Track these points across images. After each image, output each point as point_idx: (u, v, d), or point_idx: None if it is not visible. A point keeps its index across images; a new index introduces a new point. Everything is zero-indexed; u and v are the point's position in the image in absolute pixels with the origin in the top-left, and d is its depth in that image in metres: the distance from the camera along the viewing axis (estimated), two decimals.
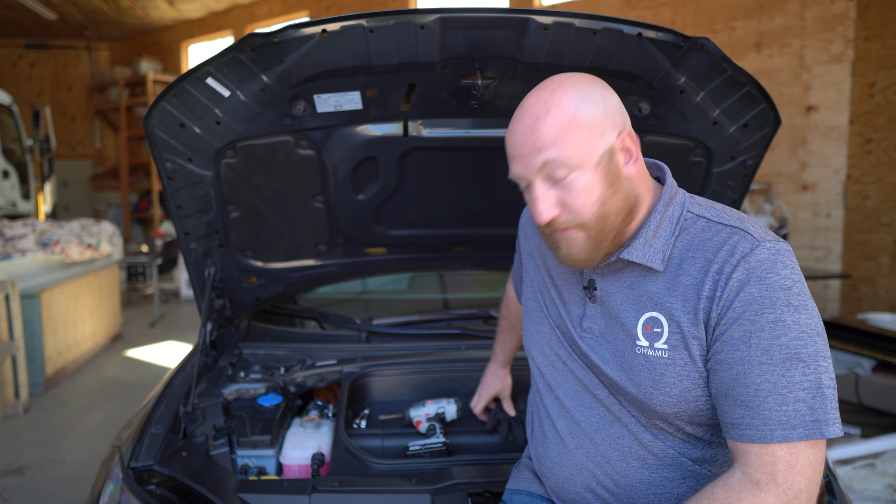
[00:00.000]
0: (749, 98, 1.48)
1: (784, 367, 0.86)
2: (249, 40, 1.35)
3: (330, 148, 1.71)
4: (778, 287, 0.88)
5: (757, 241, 0.91)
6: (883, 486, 2.47)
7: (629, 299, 1.01)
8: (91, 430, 3.65)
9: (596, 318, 1.06)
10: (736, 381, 0.89)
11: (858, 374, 3.31)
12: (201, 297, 1.90)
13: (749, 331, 0.88)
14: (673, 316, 0.95)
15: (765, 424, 0.86)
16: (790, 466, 0.85)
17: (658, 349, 0.96)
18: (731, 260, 0.91)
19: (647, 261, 0.98)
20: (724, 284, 0.90)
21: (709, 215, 0.99)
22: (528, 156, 0.94)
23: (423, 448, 1.56)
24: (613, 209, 0.96)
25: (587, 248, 0.98)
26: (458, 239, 2.09)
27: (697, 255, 0.95)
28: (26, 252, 4.49)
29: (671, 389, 0.95)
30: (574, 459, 1.09)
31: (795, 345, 0.86)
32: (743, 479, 0.87)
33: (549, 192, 0.95)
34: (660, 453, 1.01)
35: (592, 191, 0.94)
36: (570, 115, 0.92)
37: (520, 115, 0.97)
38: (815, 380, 0.86)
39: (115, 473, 1.30)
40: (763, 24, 5.59)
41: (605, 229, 0.97)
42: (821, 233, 5.50)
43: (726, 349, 0.90)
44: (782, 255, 0.90)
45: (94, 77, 10.57)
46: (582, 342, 1.07)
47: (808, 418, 0.85)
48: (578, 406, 1.10)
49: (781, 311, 0.87)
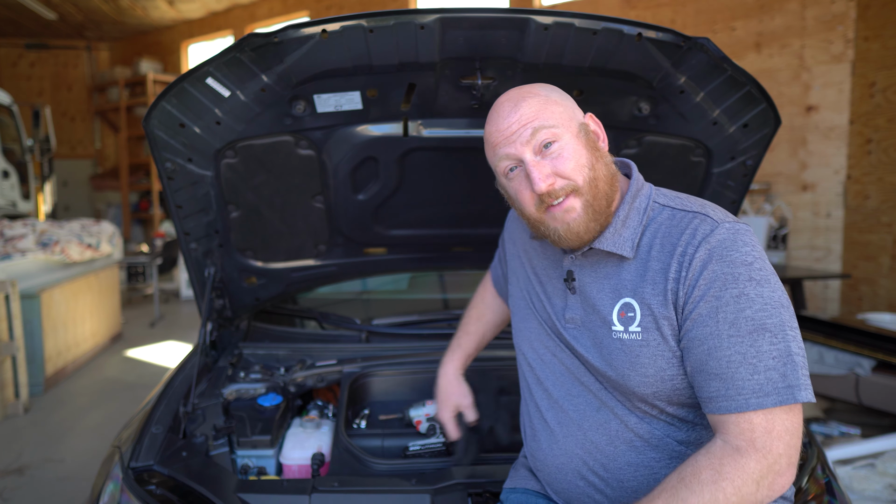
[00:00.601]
0: (749, 98, 1.48)
1: (752, 338, 0.91)
2: (249, 40, 1.35)
3: (330, 148, 1.71)
4: (739, 263, 0.93)
5: (717, 223, 0.97)
6: (883, 486, 2.47)
7: (605, 288, 1.07)
8: (91, 430, 3.65)
9: (577, 308, 1.12)
10: (708, 356, 0.93)
11: (858, 374, 3.31)
12: (201, 297, 1.90)
13: (715, 306, 0.93)
14: (644, 300, 1.00)
15: (739, 394, 0.90)
16: (767, 432, 0.89)
17: (632, 332, 1.01)
18: (694, 242, 0.97)
19: (617, 249, 1.04)
20: (688, 265, 0.96)
21: (673, 204, 1.05)
22: (516, 133, 1.03)
23: (423, 448, 1.56)
24: (601, 175, 1.04)
25: (585, 217, 1.03)
26: (458, 239, 2.08)
27: (665, 241, 1.01)
28: (26, 252, 4.49)
29: (647, 370, 1.00)
30: (564, 448, 1.12)
31: (761, 316, 0.91)
32: (724, 447, 0.91)
33: (541, 163, 1.02)
34: (646, 435, 1.04)
35: (580, 155, 1.03)
36: (543, 97, 1.05)
37: (497, 108, 1.08)
38: (783, 348, 0.90)
39: (115, 473, 1.30)
40: (763, 24, 5.59)
41: (597, 196, 1.03)
42: (821, 233, 5.50)
43: (696, 326, 0.95)
44: (742, 234, 0.96)
45: (94, 77, 10.57)
46: (566, 332, 1.13)
47: (780, 385, 0.89)
48: (566, 395, 1.14)
49: (744, 286, 0.92)
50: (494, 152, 1.08)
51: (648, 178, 1.83)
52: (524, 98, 1.05)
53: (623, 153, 1.74)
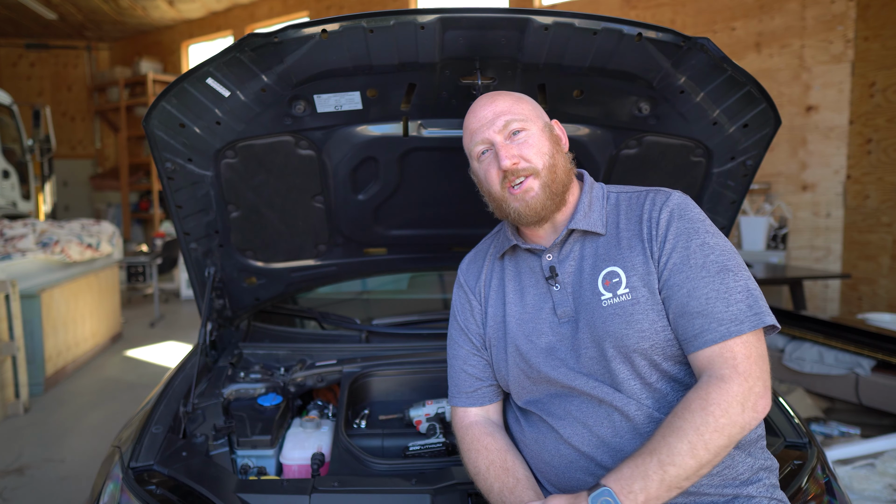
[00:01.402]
0: (749, 98, 1.48)
1: (720, 277, 1.07)
2: (249, 40, 1.35)
3: (330, 148, 1.71)
4: (695, 220, 1.14)
5: (669, 192, 1.19)
6: (883, 486, 2.47)
7: (585, 267, 1.19)
8: (91, 430, 3.65)
9: (565, 301, 1.20)
10: (689, 297, 1.08)
11: (858, 374, 3.31)
12: (201, 297, 1.90)
13: (685, 255, 1.10)
14: (626, 264, 1.15)
15: (720, 325, 1.04)
16: (747, 358, 1.03)
17: (621, 295, 1.13)
18: (655, 207, 1.17)
19: (592, 227, 1.20)
20: (656, 225, 1.15)
21: (626, 190, 1.26)
22: (491, 121, 1.20)
23: (423, 448, 1.56)
24: (559, 164, 1.21)
25: (542, 196, 1.18)
26: (458, 239, 2.08)
27: (629, 214, 1.20)
28: (26, 252, 4.49)
29: (642, 325, 1.10)
30: (571, 449, 1.15)
31: (722, 259, 1.09)
32: (709, 380, 1.02)
33: (509, 146, 1.18)
34: (645, 419, 1.10)
35: (542, 145, 1.19)
36: (516, 96, 1.25)
37: (476, 103, 1.25)
38: (744, 285, 1.08)
39: (115, 473, 1.30)
40: (763, 24, 5.59)
41: (555, 181, 1.19)
42: (821, 233, 5.50)
43: (673, 275, 1.10)
44: (689, 200, 1.18)
45: (94, 77, 10.57)
46: (561, 328, 1.20)
47: (749, 313, 1.05)
48: (566, 404, 1.18)
49: (704, 237, 1.11)
50: (471, 138, 1.24)
51: (649, 178, 1.83)
52: (500, 95, 1.24)
53: (623, 153, 1.74)
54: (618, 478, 0.98)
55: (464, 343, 1.34)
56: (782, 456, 1.32)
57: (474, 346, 1.33)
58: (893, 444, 2.69)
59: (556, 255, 1.23)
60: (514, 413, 1.31)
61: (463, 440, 1.28)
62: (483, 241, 1.45)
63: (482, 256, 1.39)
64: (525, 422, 1.27)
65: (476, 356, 1.33)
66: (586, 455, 1.13)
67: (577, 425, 1.15)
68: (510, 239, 1.28)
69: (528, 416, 1.26)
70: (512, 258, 1.32)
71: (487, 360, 1.32)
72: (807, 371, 3.50)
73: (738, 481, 1.08)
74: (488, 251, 1.39)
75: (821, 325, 3.65)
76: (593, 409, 1.14)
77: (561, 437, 1.16)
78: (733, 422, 0.98)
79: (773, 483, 1.12)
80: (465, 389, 1.32)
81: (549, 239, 1.25)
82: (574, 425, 1.15)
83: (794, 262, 5.53)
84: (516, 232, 1.30)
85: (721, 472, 1.07)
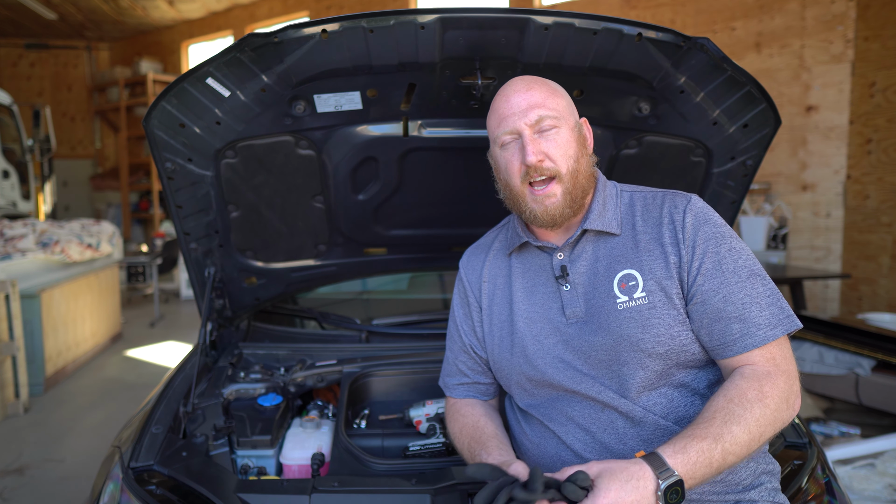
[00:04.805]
0: (749, 98, 1.48)
1: (751, 282, 1.08)
2: (249, 40, 1.35)
3: (330, 148, 1.71)
4: (720, 224, 1.12)
5: (689, 196, 1.16)
6: (883, 486, 2.47)
7: (599, 268, 1.16)
8: (91, 430, 3.65)
9: (575, 301, 1.17)
10: (725, 302, 1.06)
11: (858, 374, 3.31)
12: (201, 297, 1.90)
13: (717, 260, 1.08)
14: (644, 267, 1.12)
15: (759, 329, 1.05)
16: (784, 357, 1.06)
17: (637, 299, 1.11)
18: (678, 211, 1.13)
19: (606, 227, 1.17)
20: (681, 228, 1.11)
21: (640, 190, 1.23)
22: (524, 112, 1.14)
23: (423, 448, 1.56)
24: (583, 168, 1.16)
25: (562, 203, 1.14)
26: (458, 239, 2.08)
27: (646, 216, 1.17)
28: (26, 252, 4.49)
29: (658, 329, 1.09)
30: (573, 454, 1.14)
31: (749, 264, 1.09)
32: (756, 372, 1.03)
33: (537, 140, 1.14)
34: (651, 425, 1.08)
35: (569, 146, 1.15)
36: (553, 87, 1.19)
37: (511, 84, 1.19)
38: (772, 289, 1.09)
39: (115, 473, 1.30)
40: (763, 24, 5.59)
41: (576, 186, 1.15)
42: (821, 233, 5.50)
43: (707, 280, 1.08)
44: (707, 205, 1.16)
45: (94, 77, 10.57)
46: (569, 328, 1.17)
47: (781, 316, 1.07)
48: (567, 409, 1.16)
49: (730, 242, 1.11)
50: (499, 123, 1.18)
51: (648, 179, 1.83)
52: (536, 83, 1.18)
53: (623, 153, 1.74)
54: (685, 461, 0.92)
55: (457, 338, 1.38)
56: (782, 456, 1.32)
57: (464, 345, 1.36)
58: (893, 444, 2.69)
59: (568, 255, 1.20)
60: (516, 414, 1.30)
61: (446, 414, 1.39)
62: (488, 234, 1.42)
63: (485, 249, 1.37)
64: (526, 424, 1.26)
65: (465, 354, 1.36)
66: (588, 461, 1.12)
67: (579, 431, 1.13)
68: (520, 235, 1.25)
69: (529, 419, 1.25)
70: (519, 255, 1.28)
71: (476, 360, 1.35)
72: (807, 371, 3.50)
73: (740, 486, 1.07)
74: (492, 244, 1.36)
75: (821, 325, 3.65)
76: (596, 415, 1.12)
77: (562, 441, 1.15)
78: (782, 417, 1.01)
79: (775, 486, 1.11)
80: (452, 382, 1.40)
81: (560, 237, 1.22)
82: (576, 431, 1.14)
83: (794, 262, 5.53)
84: (526, 228, 1.27)
85: (724, 479, 1.05)
